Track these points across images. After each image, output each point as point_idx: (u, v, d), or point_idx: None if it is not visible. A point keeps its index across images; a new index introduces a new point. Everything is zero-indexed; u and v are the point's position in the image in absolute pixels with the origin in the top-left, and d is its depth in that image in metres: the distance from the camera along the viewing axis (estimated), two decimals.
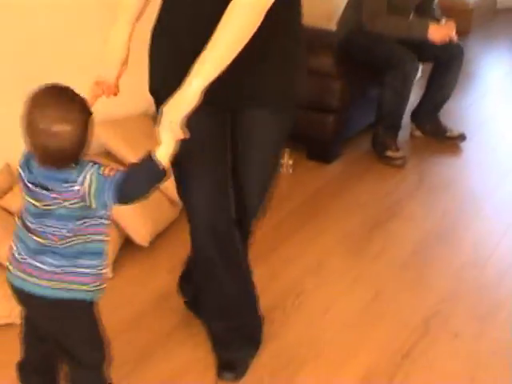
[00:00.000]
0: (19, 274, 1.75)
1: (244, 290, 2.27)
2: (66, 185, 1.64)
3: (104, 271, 1.81)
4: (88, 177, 1.64)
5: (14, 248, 1.78)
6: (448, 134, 4.13)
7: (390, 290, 2.77)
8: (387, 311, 2.61)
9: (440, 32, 3.78)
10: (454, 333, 2.53)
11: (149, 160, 1.66)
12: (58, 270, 1.71)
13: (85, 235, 1.72)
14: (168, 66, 1.99)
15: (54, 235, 1.70)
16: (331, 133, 3.78)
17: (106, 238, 1.78)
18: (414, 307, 2.67)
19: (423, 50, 3.83)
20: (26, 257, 1.74)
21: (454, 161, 4.02)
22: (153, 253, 2.93)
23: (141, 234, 2.89)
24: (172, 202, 3.10)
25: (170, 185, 2.92)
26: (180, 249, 2.87)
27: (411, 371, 2.33)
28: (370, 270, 2.90)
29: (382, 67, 3.74)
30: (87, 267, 1.74)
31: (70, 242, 1.70)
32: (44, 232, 1.70)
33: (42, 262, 1.71)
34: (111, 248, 2.75)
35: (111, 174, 1.65)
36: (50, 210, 1.68)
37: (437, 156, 4.04)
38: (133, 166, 1.70)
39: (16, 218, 1.80)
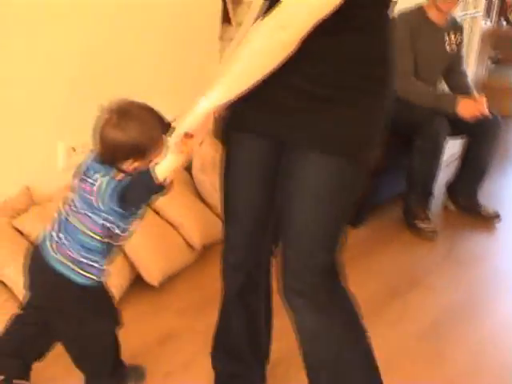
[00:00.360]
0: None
1: None
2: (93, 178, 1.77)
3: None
4: (103, 178, 1.75)
5: None
6: (482, 211, 4.02)
7: (404, 360, 2.64)
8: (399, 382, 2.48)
9: (470, 107, 3.70)
10: None
11: (146, 172, 1.69)
12: None
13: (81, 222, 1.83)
14: None
15: None
16: (359, 197, 3.68)
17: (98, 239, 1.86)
18: (428, 380, 2.53)
19: (456, 123, 3.75)
20: None
21: (486, 238, 3.89)
22: (162, 293, 2.85)
23: (152, 272, 2.82)
24: (190, 246, 3.05)
25: (189, 229, 2.94)
26: (192, 292, 2.84)
27: None
28: (384, 339, 2.76)
29: (412, 132, 3.68)
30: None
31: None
32: None
33: None
34: (121, 282, 2.70)
35: (121, 179, 1.74)
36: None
37: (469, 231, 3.91)
38: (134, 175, 1.75)
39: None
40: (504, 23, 5.88)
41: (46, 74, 2.73)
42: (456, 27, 3.99)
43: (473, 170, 4.00)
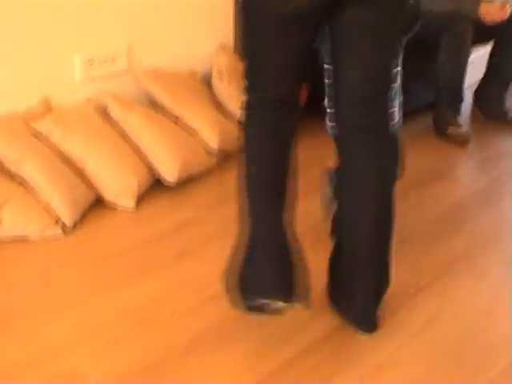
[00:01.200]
0: None
1: None
2: None
3: None
4: None
5: None
6: (510, 117, 3.96)
7: (423, 233, 2.69)
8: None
9: (492, 11, 3.64)
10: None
11: None
12: None
13: None
14: None
15: None
16: None
17: None
18: (441, 251, 2.56)
19: (480, 29, 3.69)
20: None
21: None
22: (180, 193, 2.95)
23: (169, 170, 2.92)
24: (208, 152, 3.13)
25: (207, 135, 3.04)
26: (207, 193, 2.93)
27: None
28: (404, 218, 2.78)
29: (438, 36, 3.64)
30: None
31: None
32: None
33: None
34: (139, 183, 2.81)
35: None
36: None
37: (497, 135, 3.84)
38: None
39: None
40: None
41: None
42: None
43: (499, 75, 3.94)
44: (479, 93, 4.06)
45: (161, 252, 2.50)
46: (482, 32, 3.73)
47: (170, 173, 2.91)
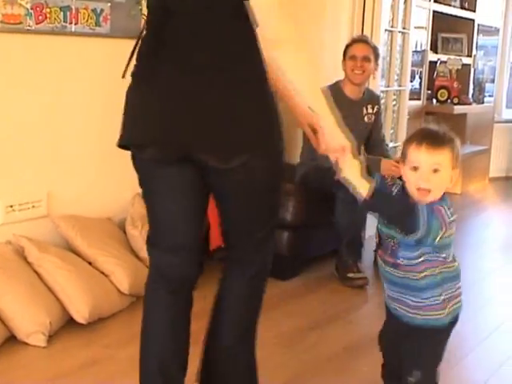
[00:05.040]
0: None
1: None
2: None
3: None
4: None
5: None
6: None
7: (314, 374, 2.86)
8: None
9: (391, 167, 3.99)
10: None
11: None
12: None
13: None
14: None
15: None
16: (286, 249, 3.96)
17: None
18: None
19: None
20: None
21: None
22: (93, 330, 3.11)
23: (80, 311, 3.08)
24: (121, 293, 3.32)
25: (119, 277, 3.24)
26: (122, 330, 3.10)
27: None
28: (300, 359, 2.99)
29: (335, 189, 3.97)
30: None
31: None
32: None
33: None
34: (52, 322, 2.97)
35: None
36: None
37: None
38: None
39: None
40: (434, 101, 6.33)
41: None
42: (372, 98, 4.37)
43: None
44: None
45: None
46: None
47: (80, 314, 3.08)
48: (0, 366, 2.77)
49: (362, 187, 2.02)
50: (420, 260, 2.04)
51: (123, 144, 2.10)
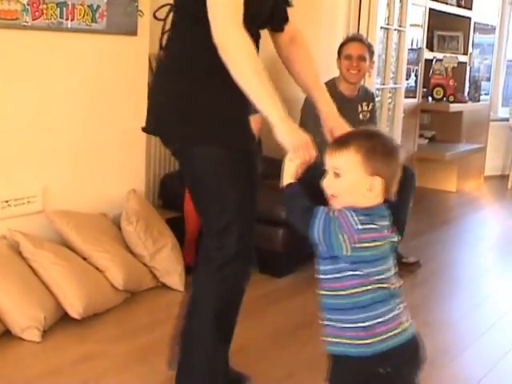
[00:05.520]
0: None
1: None
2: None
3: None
4: None
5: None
6: (404, 260, 4.29)
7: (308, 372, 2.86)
8: None
9: None
10: None
11: None
12: None
13: None
14: None
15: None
16: (281, 246, 3.97)
17: None
18: None
19: None
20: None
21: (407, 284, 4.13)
22: (87, 325, 3.11)
23: (74, 307, 3.09)
24: (115, 288, 3.32)
25: (114, 272, 3.25)
26: (116, 326, 3.12)
27: None
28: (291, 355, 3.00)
29: None
30: None
31: None
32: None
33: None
34: (46, 317, 2.97)
35: None
36: None
37: None
38: None
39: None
40: (430, 99, 6.35)
41: None
42: (367, 96, 4.38)
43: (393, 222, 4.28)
44: None
45: (62, 383, 2.63)
46: None
47: (74, 310, 3.09)
48: None
49: (286, 180, 1.93)
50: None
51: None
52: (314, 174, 2.13)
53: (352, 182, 1.79)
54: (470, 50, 6.81)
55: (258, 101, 2.05)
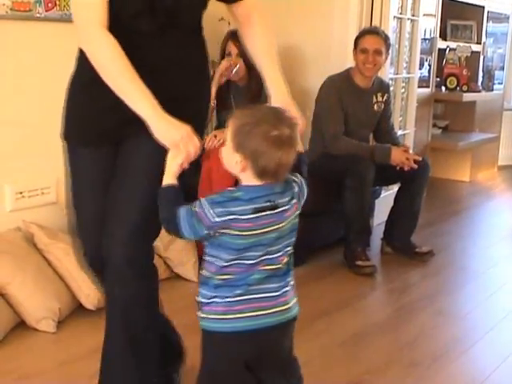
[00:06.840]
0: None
1: None
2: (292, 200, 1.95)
3: None
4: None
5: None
6: (417, 250, 4.28)
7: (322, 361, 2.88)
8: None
9: (401, 155, 4.05)
10: None
11: None
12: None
13: None
14: None
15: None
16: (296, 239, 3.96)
17: None
18: (339, 375, 2.78)
19: (388, 172, 4.09)
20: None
21: (420, 272, 4.14)
22: (102, 316, 3.11)
23: (89, 298, 3.11)
24: None
25: None
26: None
27: None
28: (308, 346, 3.00)
29: (343, 176, 3.98)
30: None
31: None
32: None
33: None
34: (61, 308, 2.99)
35: None
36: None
37: (404, 268, 4.16)
38: None
39: None
40: (443, 89, 6.32)
41: None
42: (382, 87, 4.36)
43: (407, 213, 4.28)
44: (387, 232, 4.38)
45: (76, 373, 2.65)
46: (388, 175, 4.13)
47: (89, 300, 3.10)
48: (10, 352, 2.80)
49: (165, 180, 1.92)
50: None
51: None
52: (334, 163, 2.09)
53: (225, 154, 1.86)
54: (483, 39, 6.78)
55: (128, 100, 1.96)
